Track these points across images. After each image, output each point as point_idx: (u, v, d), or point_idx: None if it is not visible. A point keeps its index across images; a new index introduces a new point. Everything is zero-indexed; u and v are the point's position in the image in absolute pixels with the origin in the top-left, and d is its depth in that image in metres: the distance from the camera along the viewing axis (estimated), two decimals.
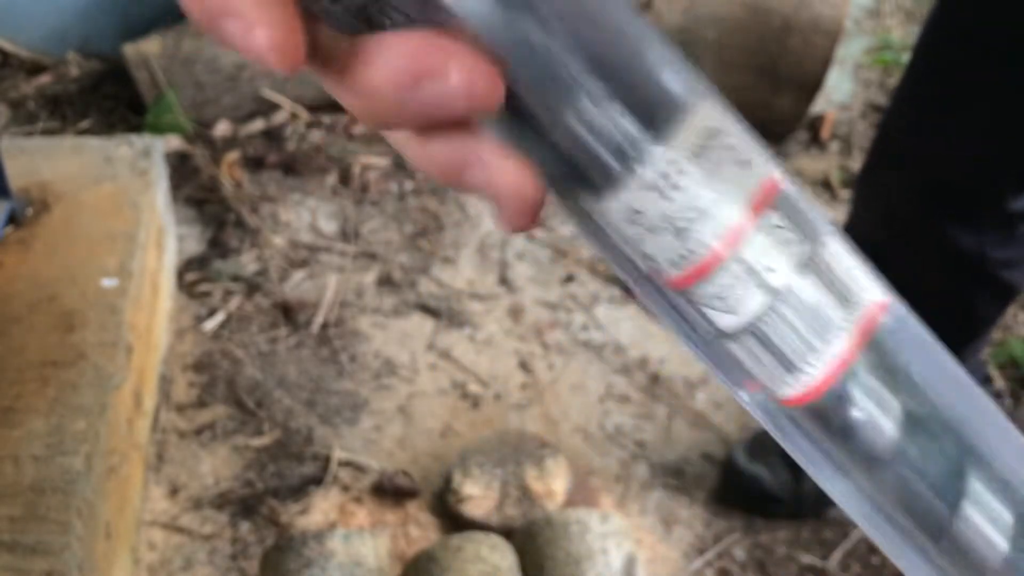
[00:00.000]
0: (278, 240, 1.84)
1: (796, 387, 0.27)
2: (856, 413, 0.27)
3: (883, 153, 1.27)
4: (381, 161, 2.04)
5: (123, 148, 1.57)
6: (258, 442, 1.50)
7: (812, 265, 0.26)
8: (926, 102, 1.19)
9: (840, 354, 0.26)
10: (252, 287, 1.74)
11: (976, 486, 0.29)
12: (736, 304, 0.26)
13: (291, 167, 2.00)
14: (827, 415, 0.27)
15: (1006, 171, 1.15)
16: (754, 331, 0.26)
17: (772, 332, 0.26)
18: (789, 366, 0.27)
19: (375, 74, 0.25)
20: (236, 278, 1.75)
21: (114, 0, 2.21)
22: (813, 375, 0.27)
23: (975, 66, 1.11)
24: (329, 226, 1.89)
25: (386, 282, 1.79)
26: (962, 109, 1.14)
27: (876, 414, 0.27)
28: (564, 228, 1.93)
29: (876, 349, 0.27)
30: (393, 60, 0.25)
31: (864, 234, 1.32)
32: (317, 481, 1.46)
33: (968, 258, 1.21)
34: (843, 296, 0.27)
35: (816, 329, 0.27)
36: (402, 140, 0.28)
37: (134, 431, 1.34)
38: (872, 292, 0.28)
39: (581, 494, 1.44)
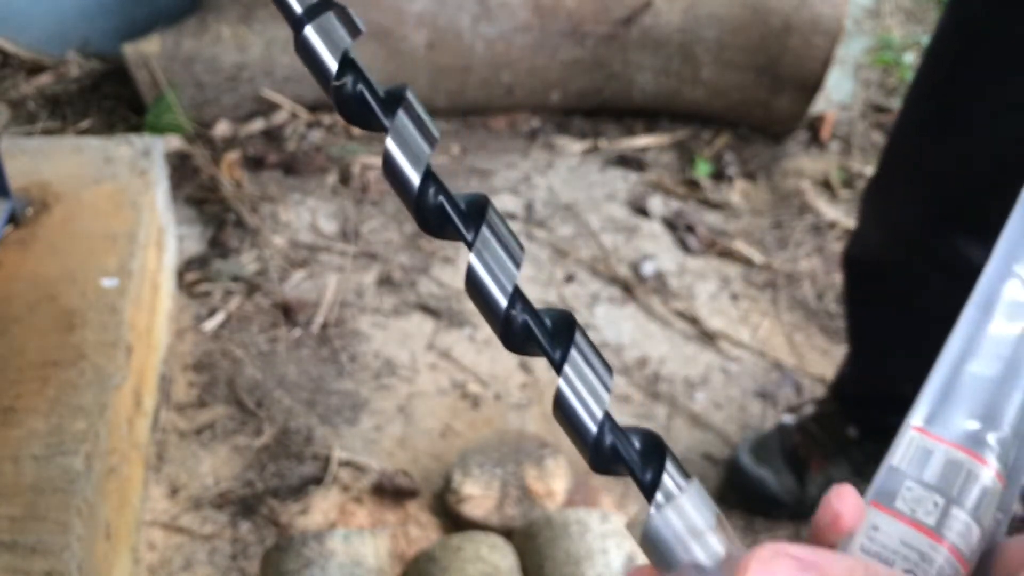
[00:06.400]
0: (278, 240, 1.84)
1: None
2: None
3: (891, 167, 1.26)
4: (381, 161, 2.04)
5: (123, 148, 1.57)
6: (258, 442, 1.50)
7: None
8: (934, 115, 1.18)
9: None
10: (252, 287, 1.74)
11: None
12: None
13: (291, 167, 2.00)
14: None
15: (1015, 182, 1.15)
16: None
17: None
18: None
19: None
20: (236, 278, 1.75)
21: (114, 0, 2.21)
22: None
23: (983, 77, 1.11)
24: (329, 226, 1.89)
25: (386, 282, 1.79)
26: (971, 121, 1.13)
27: None
28: (564, 228, 1.94)
29: None
30: None
31: (872, 249, 1.32)
32: (317, 481, 1.46)
33: (978, 272, 1.20)
34: None
35: None
36: None
37: (134, 431, 1.34)
38: None
39: (581, 494, 1.44)
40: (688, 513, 0.35)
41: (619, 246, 1.90)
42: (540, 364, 1.66)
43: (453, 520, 1.39)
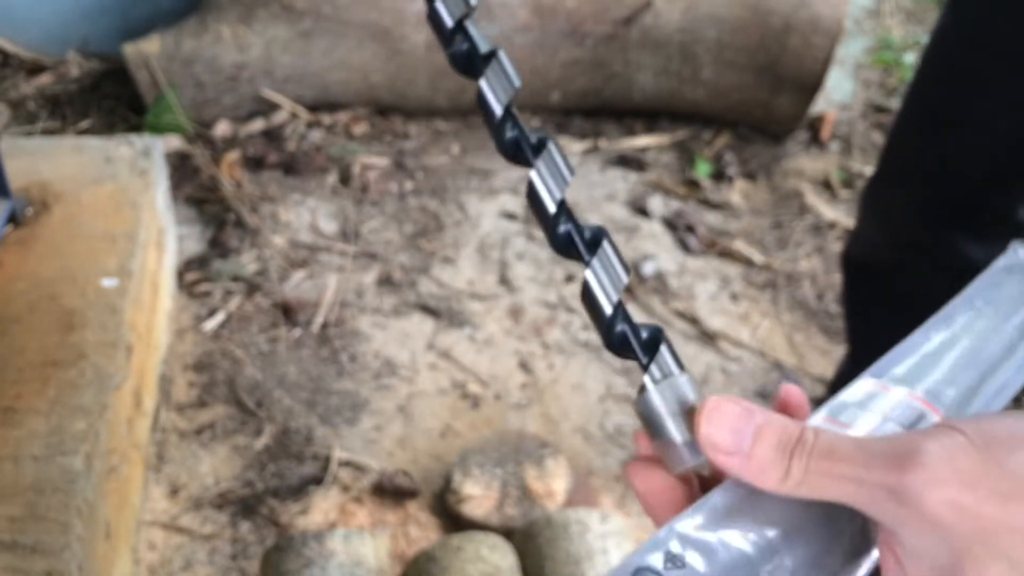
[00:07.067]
0: (278, 240, 1.84)
1: None
2: None
3: (890, 167, 1.26)
4: (381, 161, 2.04)
5: (123, 148, 1.57)
6: (258, 442, 1.50)
7: None
8: (933, 114, 1.18)
9: None
10: (252, 287, 1.74)
11: None
12: None
13: (291, 167, 2.00)
14: None
15: (1015, 182, 1.15)
16: None
17: None
18: None
19: None
20: (236, 278, 1.75)
21: (114, 0, 2.21)
22: None
23: (982, 77, 1.11)
24: (329, 226, 1.89)
25: (386, 282, 1.79)
26: (970, 120, 1.13)
27: None
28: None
29: None
30: None
31: (870, 249, 1.32)
32: (317, 481, 1.46)
33: (977, 271, 1.20)
34: None
35: None
36: None
37: (134, 431, 1.34)
38: None
39: (581, 494, 1.44)
40: (678, 392, 0.42)
41: (619, 246, 1.90)
42: (540, 364, 1.66)
43: (453, 520, 1.39)
